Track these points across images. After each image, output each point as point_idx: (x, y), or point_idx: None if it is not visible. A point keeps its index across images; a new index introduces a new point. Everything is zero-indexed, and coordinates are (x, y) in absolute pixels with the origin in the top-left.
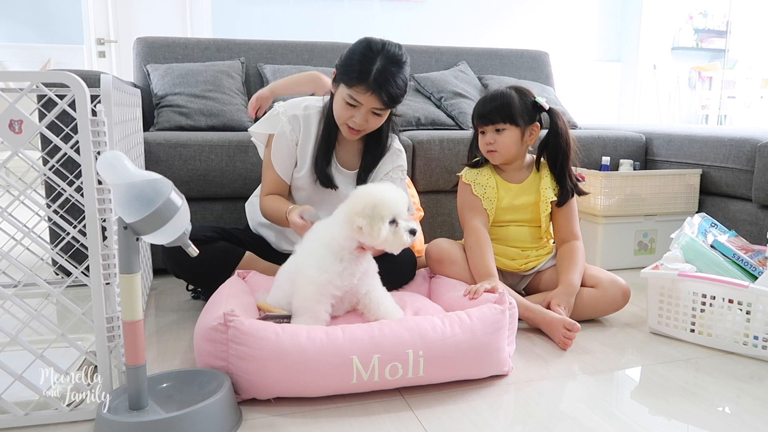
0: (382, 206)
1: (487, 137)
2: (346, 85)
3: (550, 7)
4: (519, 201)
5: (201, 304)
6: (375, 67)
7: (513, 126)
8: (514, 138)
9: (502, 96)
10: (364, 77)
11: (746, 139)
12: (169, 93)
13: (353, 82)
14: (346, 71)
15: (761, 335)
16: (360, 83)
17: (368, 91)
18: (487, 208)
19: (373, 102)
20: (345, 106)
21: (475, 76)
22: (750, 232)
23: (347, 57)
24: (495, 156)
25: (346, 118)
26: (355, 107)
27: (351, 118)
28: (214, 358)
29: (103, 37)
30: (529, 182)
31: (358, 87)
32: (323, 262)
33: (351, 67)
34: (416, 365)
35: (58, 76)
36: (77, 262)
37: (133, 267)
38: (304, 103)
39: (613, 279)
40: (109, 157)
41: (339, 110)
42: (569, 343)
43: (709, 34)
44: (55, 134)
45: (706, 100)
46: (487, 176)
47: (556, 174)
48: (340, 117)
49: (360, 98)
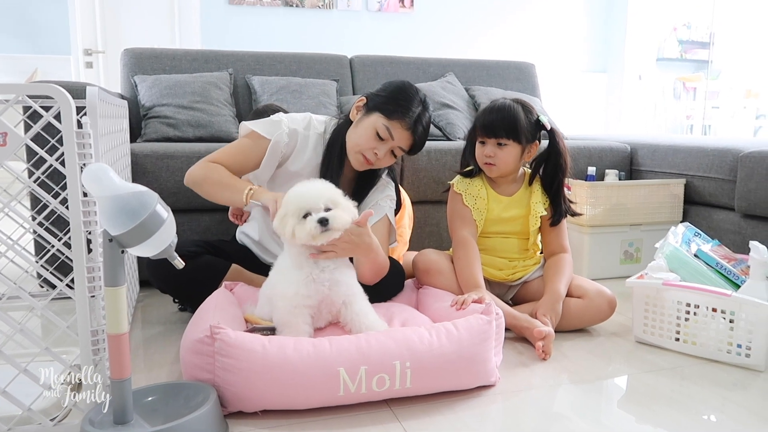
0: (288, 203)
1: (487, 149)
2: (386, 116)
3: (537, 18)
4: (508, 213)
5: (188, 316)
6: (418, 109)
7: (515, 143)
8: (514, 154)
9: (509, 110)
10: (408, 113)
11: (728, 149)
12: (157, 104)
13: (395, 115)
14: (388, 102)
15: (744, 343)
16: (402, 117)
17: (406, 128)
18: (476, 219)
19: (404, 140)
20: (373, 137)
21: (463, 87)
22: (733, 241)
23: (391, 90)
24: (492, 169)
25: (368, 148)
26: (384, 140)
27: (373, 150)
28: (200, 371)
29: (91, 48)
30: (519, 195)
31: (400, 121)
32: (289, 274)
33: (395, 100)
34: (403, 376)
35: (44, 89)
36: (63, 274)
37: (119, 279)
38: (306, 121)
39: (600, 289)
40: (95, 170)
41: (364, 139)
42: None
43: (693, 46)
44: (41, 145)
45: (690, 110)
46: (479, 187)
47: (551, 194)
48: (362, 145)
49: (396, 132)
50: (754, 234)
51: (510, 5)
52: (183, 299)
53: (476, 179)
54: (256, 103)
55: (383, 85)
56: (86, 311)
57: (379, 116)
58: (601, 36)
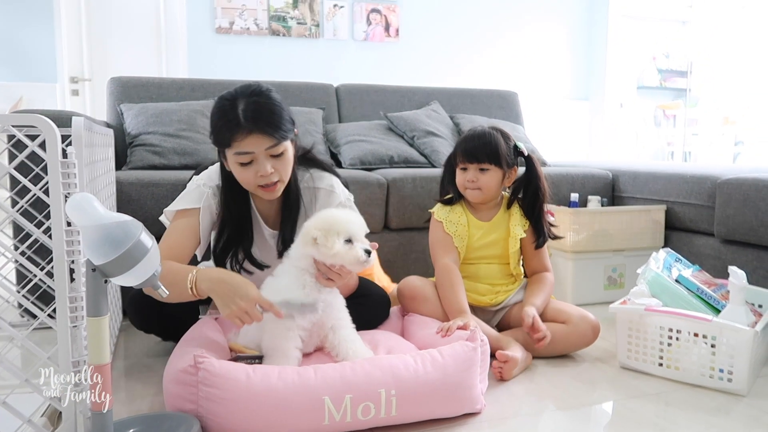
0: (338, 223)
1: (470, 174)
2: (227, 146)
3: (519, 48)
4: (489, 238)
5: (171, 346)
6: (240, 109)
7: (497, 167)
8: (496, 179)
9: (489, 137)
10: (235, 124)
11: (707, 176)
12: (143, 132)
13: (229, 137)
14: (218, 133)
15: (726, 368)
16: (236, 131)
17: (249, 134)
18: (458, 245)
19: (261, 142)
20: (242, 168)
21: (447, 115)
22: (713, 266)
23: (212, 120)
24: (476, 194)
25: (251, 178)
26: (251, 162)
27: (256, 175)
28: (183, 401)
29: (77, 76)
30: (498, 219)
31: (237, 136)
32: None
33: (219, 125)
34: (389, 404)
35: (29, 119)
36: (44, 303)
37: (101, 309)
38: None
39: (583, 314)
40: (79, 199)
41: (240, 176)
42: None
43: (671, 74)
44: (25, 174)
45: (671, 137)
46: (459, 213)
47: (533, 218)
48: (246, 182)
49: (246, 146)
50: (734, 259)
51: (493, 35)
52: (168, 336)
53: (456, 206)
54: None
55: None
56: (67, 341)
57: (227, 151)
58: (582, 65)
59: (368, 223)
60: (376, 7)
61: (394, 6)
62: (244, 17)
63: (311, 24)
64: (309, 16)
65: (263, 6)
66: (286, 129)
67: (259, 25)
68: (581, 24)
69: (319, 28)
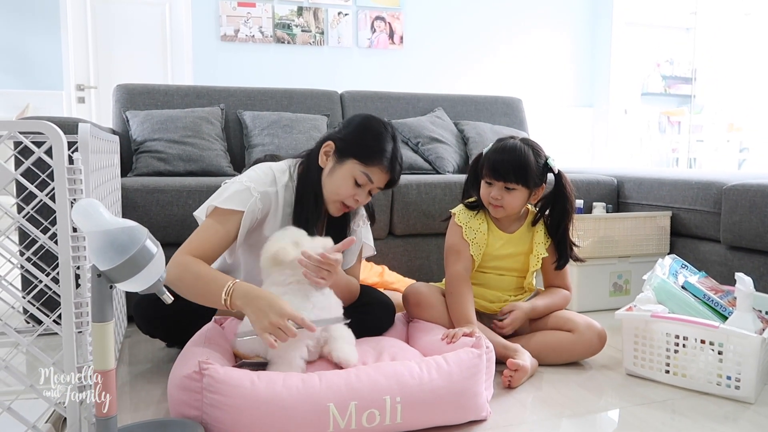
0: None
1: (494, 191)
2: (363, 163)
3: (524, 54)
4: (507, 251)
5: (175, 352)
6: (390, 146)
7: (523, 187)
8: (522, 198)
9: (520, 153)
10: (383, 157)
11: (712, 182)
12: (148, 139)
13: (372, 162)
14: (363, 149)
15: (734, 375)
16: (380, 162)
17: (384, 171)
18: (474, 253)
19: (383, 181)
20: (351, 184)
21: (451, 122)
22: (720, 272)
23: (362, 135)
24: (499, 211)
25: (348, 195)
26: (362, 186)
27: (353, 197)
28: (188, 408)
29: (83, 83)
30: (520, 233)
31: (378, 166)
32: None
33: (367, 143)
34: (393, 411)
35: (36, 125)
36: (49, 309)
37: (106, 315)
38: (270, 177)
39: (589, 323)
40: (84, 205)
41: (341, 187)
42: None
43: (676, 81)
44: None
45: (675, 143)
46: (481, 221)
47: (557, 238)
48: (341, 194)
49: (375, 177)
50: (740, 266)
51: (497, 42)
52: (175, 341)
53: (480, 213)
54: (247, 138)
55: (348, 126)
56: (73, 347)
57: (355, 163)
58: (587, 71)
59: (373, 229)
60: (380, 15)
61: (398, 13)
62: (249, 25)
63: (316, 31)
64: (313, 24)
65: (268, 14)
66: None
67: (263, 32)
68: (585, 31)
69: (324, 36)
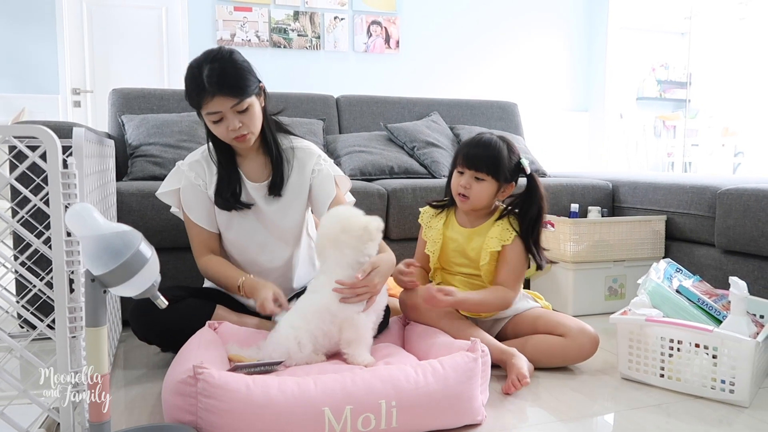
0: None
1: (464, 180)
2: (200, 108)
3: (519, 59)
4: (468, 245)
5: (170, 357)
6: (204, 75)
7: (493, 179)
8: (489, 191)
9: (494, 146)
10: (201, 89)
11: (707, 187)
12: (144, 143)
13: (199, 101)
14: (189, 98)
15: (728, 379)
16: (203, 95)
17: (213, 96)
18: (429, 250)
19: (225, 103)
20: (215, 126)
21: (447, 126)
22: (714, 276)
23: (185, 87)
24: (465, 202)
25: (224, 133)
26: (221, 120)
27: (227, 130)
28: (182, 412)
29: (79, 87)
30: (482, 228)
31: (204, 99)
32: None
33: (189, 90)
34: (389, 416)
35: (30, 130)
36: (43, 314)
37: (100, 320)
38: (201, 148)
39: (582, 327)
40: (78, 210)
41: (215, 131)
42: (511, 389)
43: (671, 85)
44: (26, 185)
45: (671, 147)
46: (440, 218)
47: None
48: (221, 135)
49: (213, 107)
50: (734, 270)
51: (493, 46)
52: (170, 347)
53: (443, 211)
54: None
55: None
56: (66, 352)
57: (200, 111)
58: (582, 76)
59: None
60: (376, 19)
61: (395, 18)
62: (246, 29)
63: (312, 36)
64: (310, 28)
65: (264, 18)
66: (246, 87)
67: (260, 37)
68: (581, 36)
69: (320, 40)
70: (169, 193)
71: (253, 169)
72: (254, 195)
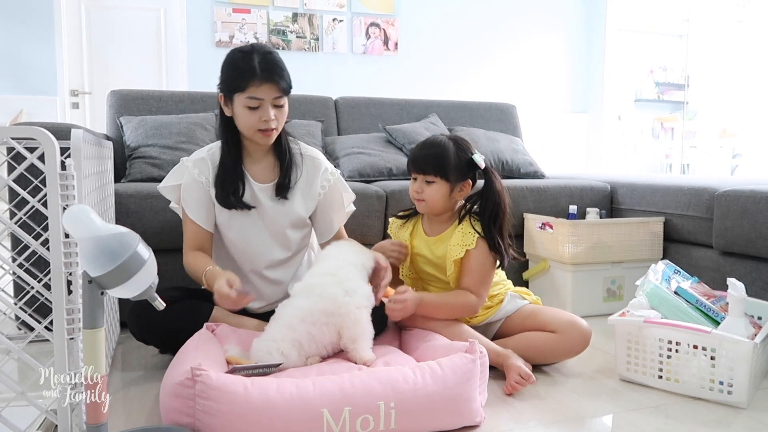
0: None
1: (417, 185)
2: (241, 91)
3: (518, 61)
4: (434, 254)
5: (168, 359)
6: (256, 61)
7: (443, 180)
8: (442, 192)
9: (438, 147)
10: (252, 73)
11: (705, 188)
12: (142, 144)
13: (245, 84)
14: (232, 80)
15: (726, 380)
16: (252, 79)
17: (263, 83)
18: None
19: (271, 91)
20: (249, 112)
21: (446, 128)
22: (712, 278)
23: (227, 69)
24: (422, 205)
25: (255, 122)
26: (259, 107)
27: (260, 120)
28: (180, 415)
29: (77, 89)
30: (446, 235)
31: (252, 83)
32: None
33: (235, 73)
34: (388, 417)
35: (28, 131)
36: (41, 316)
37: (97, 322)
38: (207, 146)
39: (572, 321)
40: (76, 211)
41: (246, 119)
42: (516, 388)
43: (669, 87)
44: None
45: (669, 149)
46: (407, 228)
47: (490, 239)
48: (249, 125)
49: (258, 93)
50: (732, 271)
51: (492, 48)
52: (168, 348)
53: (410, 220)
54: None
55: (222, 69)
56: (64, 354)
57: (238, 95)
58: (580, 78)
59: (367, 235)
60: (374, 21)
61: (393, 20)
62: (244, 31)
63: (311, 38)
64: (308, 30)
65: (263, 20)
66: (290, 84)
67: (258, 38)
68: (579, 37)
69: (319, 42)
70: (171, 188)
71: (260, 170)
72: (260, 196)
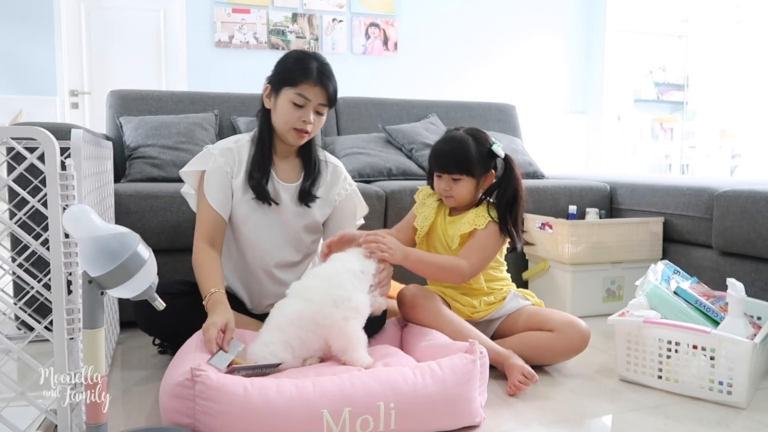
0: None
1: (443, 184)
2: (292, 86)
3: (518, 61)
4: (448, 233)
5: (168, 359)
6: (314, 65)
7: (468, 176)
8: (469, 188)
9: (460, 144)
10: (308, 73)
11: (704, 188)
12: (142, 144)
13: (299, 81)
14: (287, 73)
15: (725, 380)
16: (306, 79)
17: (315, 85)
18: (418, 225)
19: (320, 96)
20: (293, 108)
21: (445, 128)
22: (712, 278)
23: (284, 64)
24: (450, 202)
25: (295, 120)
26: (303, 107)
27: (300, 119)
28: (180, 415)
29: (77, 89)
30: (460, 216)
31: (306, 83)
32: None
33: (292, 68)
34: (387, 418)
35: (28, 131)
36: (41, 316)
37: (97, 322)
38: (234, 138)
39: (571, 321)
40: (75, 211)
41: (286, 114)
42: (520, 388)
43: (668, 88)
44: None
45: (668, 149)
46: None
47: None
48: (289, 121)
49: (308, 93)
50: (732, 271)
51: (492, 48)
52: (171, 341)
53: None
54: None
55: (277, 64)
56: (64, 354)
57: (287, 89)
58: (580, 78)
59: None
60: (374, 21)
61: (393, 20)
62: (244, 31)
63: (310, 38)
64: (308, 30)
65: (262, 20)
66: (336, 98)
67: (258, 39)
68: (579, 38)
69: (318, 42)
70: (192, 174)
71: (285, 169)
72: (282, 194)
